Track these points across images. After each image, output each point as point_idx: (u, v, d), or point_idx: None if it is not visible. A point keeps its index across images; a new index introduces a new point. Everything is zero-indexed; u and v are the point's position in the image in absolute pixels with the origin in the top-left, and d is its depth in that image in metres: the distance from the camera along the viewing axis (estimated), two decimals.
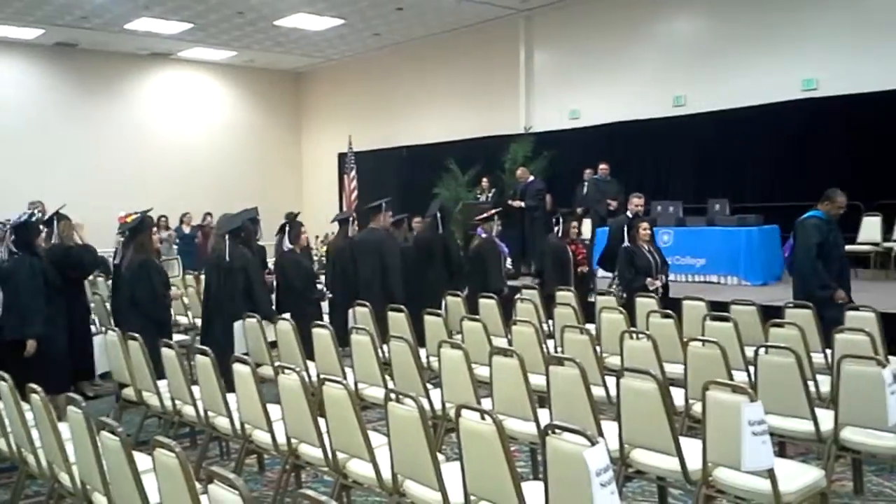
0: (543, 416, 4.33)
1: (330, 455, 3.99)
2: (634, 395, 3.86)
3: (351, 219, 8.45)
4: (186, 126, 19.37)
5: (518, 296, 7.79)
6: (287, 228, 7.42)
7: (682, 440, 3.83)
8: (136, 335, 5.43)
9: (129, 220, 6.76)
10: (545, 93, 15.55)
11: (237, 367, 4.49)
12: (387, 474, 3.66)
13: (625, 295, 7.54)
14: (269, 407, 4.40)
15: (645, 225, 7.89)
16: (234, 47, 17.87)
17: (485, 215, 8.77)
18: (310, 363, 5.87)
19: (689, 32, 13.46)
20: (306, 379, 4.20)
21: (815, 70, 11.65)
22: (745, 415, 3.32)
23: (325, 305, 7.72)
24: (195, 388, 5.07)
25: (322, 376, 4.08)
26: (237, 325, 6.46)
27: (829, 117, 11.31)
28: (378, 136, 18.13)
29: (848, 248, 10.05)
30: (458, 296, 7.60)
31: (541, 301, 7.65)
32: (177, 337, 8.14)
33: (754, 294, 8.45)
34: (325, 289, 7.86)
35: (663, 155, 13.11)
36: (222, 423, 4.86)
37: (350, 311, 6.89)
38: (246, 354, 5.26)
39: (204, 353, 4.79)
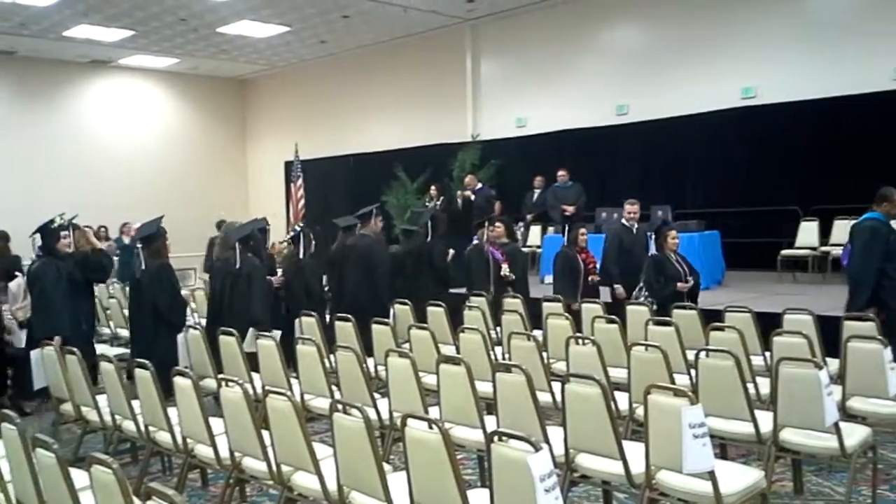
0: (491, 422, 4.34)
1: (274, 468, 3.93)
2: (579, 400, 3.89)
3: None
4: (128, 134, 18.97)
5: (467, 303, 7.81)
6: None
7: (627, 444, 3.87)
8: (75, 350, 5.30)
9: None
10: (492, 101, 15.66)
11: (178, 380, 4.41)
12: (332, 486, 3.63)
13: (655, 305, 7.26)
14: (213, 420, 4.33)
15: (674, 234, 7.64)
16: (176, 54, 17.59)
17: (475, 222, 8.88)
18: (255, 375, 5.79)
19: (632, 42, 13.70)
20: (250, 391, 4.14)
21: (754, 78, 11.97)
22: (686, 418, 3.37)
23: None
24: (136, 403, 4.96)
25: (267, 388, 4.03)
26: (180, 337, 6.35)
27: (767, 125, 11.62)
28: (325, 144, 18.02)
29: (786, 252, 10.39)
30: (406, 304, 7.58)
31: (489, 309, 7.63)
32: (114, 350, 7.98)
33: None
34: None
35: (607, 162, 13.31)
36: (163, 437, 4.76)
37: (297, 320, 6.82)
38: (188, 367, 5.17)
39: (143, 366, 4.69)
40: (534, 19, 14.63)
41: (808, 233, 10.66)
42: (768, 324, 5.89)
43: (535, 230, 13.12)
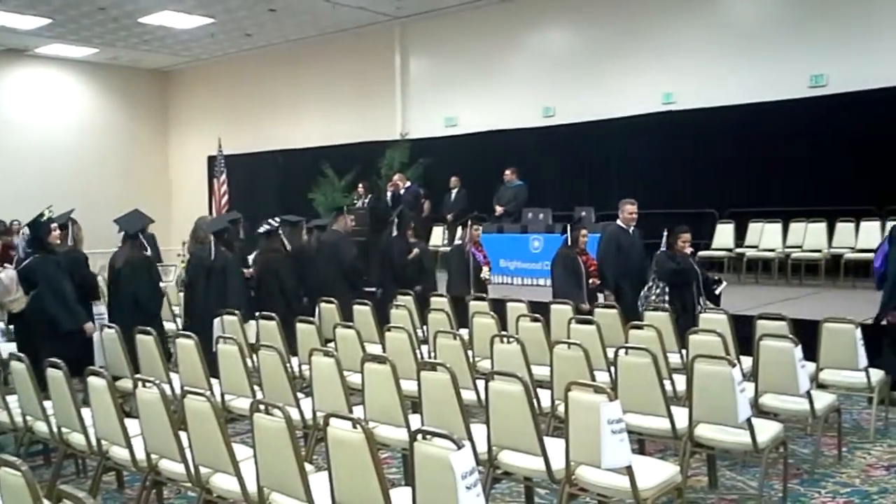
0: (416, 421, 4.34)
1: (192, 470, 3.85)
2: (502, 397, 3.93)
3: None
4: (44, 126, 18.27)
5: (394, 302, 7.79)
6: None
7: (548, 440, 3.93)
8: None
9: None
10: (421, 100, 15.68)
11: (92, 380, 4.27)
12: (252, 487, 3.57)
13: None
14: (129, 422, 4.21)
15: (687, 236, 7.26)
16: (95, 44, 17.02)
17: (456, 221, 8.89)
18: (174, 375, 5.66)
19: (559, 46, 13.91)
20: (167, 391, 4.04)
21: (674, 85, 12.33)
22: (604, 414, 3.44)
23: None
24: (48, 403, 4.78)
25: (185, 388, 3.94)
26: (96, 336, 6.17)
27: (686, 129, 11.99)
28: (251, 139, 17.73)
29: (703, 253, 10.71)
30: (332, 303, 7.52)
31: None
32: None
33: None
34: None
35: (534, 163, 13.46)
36: (77, 439, 4.61)
37: (217, 319, 6.69)
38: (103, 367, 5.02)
39: (56, 365, 4.53)
40: (463, 20, 14.70)
41: (724, 234, 11.02)
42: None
43: (459, 230, 13.17)
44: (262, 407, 3.49)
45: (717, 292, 7.18)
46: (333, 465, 3.21)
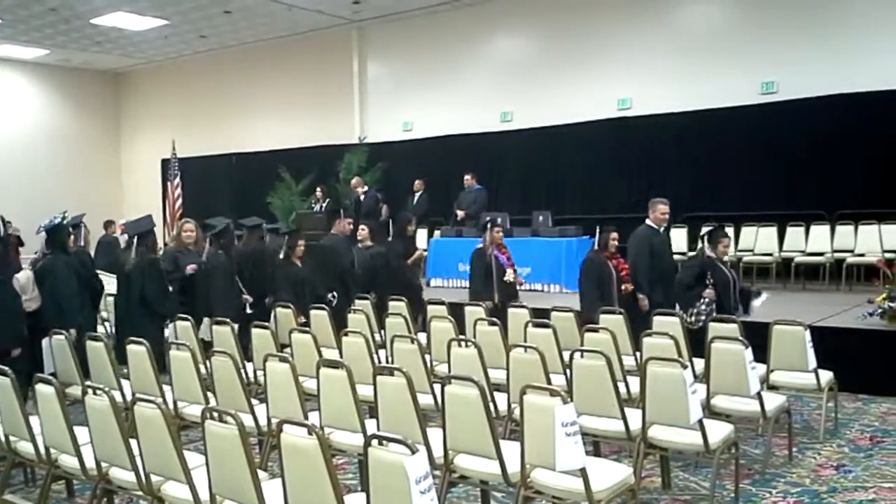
0: (372, 426, 4.31)
1: (143, 478, 3.78)
2: (458, 401, 3.93)
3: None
4: None
5: (352, 307, 7.74)
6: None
7: (505, 443, 3.94)
8: None
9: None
10: (379, 104, 15.65)
11: (40, 387, 4.18)
12: (205, 495, 3.51)
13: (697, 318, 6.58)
14: (78, 429, 4.12)
15: (727, 241, 7.00)
16: (46, 45, 16.68)
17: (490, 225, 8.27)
18: (125, 381, 5.56)
19: (516, 52, 14.00)
20: (118, 399, 3.96)
21: (629, 91, 12.51)
22: (559, 417, 3.46)
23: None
24: None
25: (137, 395, 3.87)
26: (45, 342, 6.02)
27: (641, 135, 12.18)
28: (206, 142, 17.52)
29: None
30: (288, 307, 7.45)
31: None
32: None
33: (574, 301, 8.80)
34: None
35: (492, 168, 13.54)
36: (25, 447, 4.50)
37: (171, 324, 6.58)
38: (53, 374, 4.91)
39: (2, 372, 4.41)
40: (421, 25, 14.72)
41: (678, 239, 11.16)
42: (640, 325, 6.12)
43: (422, 233, 13.18)
44: (214, 414, 3.44)
45: (754, 305, 6.86)
46: (287, 471, 3.18)
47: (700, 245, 7.00)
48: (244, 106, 17.49)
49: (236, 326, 6.43)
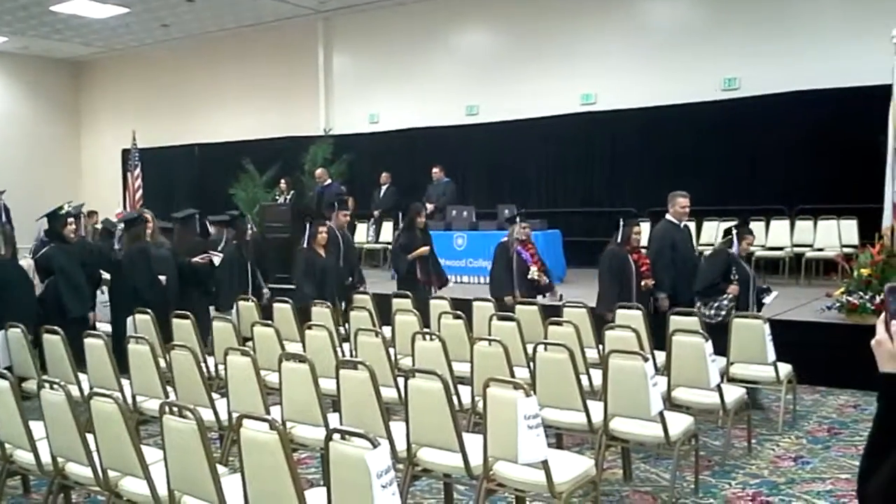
0: (335, 420, 4.29)
1: (101, 473, 3.71)
2: (421, 394, 3.92)
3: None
4: None
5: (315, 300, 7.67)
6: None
7: (468, 436, 3.95)
8: None
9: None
10: (345, 95, 15.55)
11: None
12: (163, 491, 3.46)
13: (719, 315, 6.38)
14: (33, 424, 4.04)
15: (751, 238, 6.98)
16: (4, 33, 16.28)
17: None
18: (83, 376, 5.46)
19: (482, 46, 14.00)
20: (74, 393, 3.89)
21: (593, 86, 12.58)
22: (521, 409, 3.47)
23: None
24: None
25: (95, 389, 3.81)
26: (0, 335, 5.90)
27: (603, 130, 12.28)
28: (168, 133, 17.26)
29: None
30: (248, 300, 7.38)
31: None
32: None
33: None
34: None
35: (458, 161, 13.54)
36: None
37: (129, 318, 6.48)
38: (8, 368, 4.80)
39: None
40: (387, 16, 14.65)
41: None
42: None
43: (388, 226, 13.14)
44: (173, 408, 3.39)
45: (766, 302, 6.79)
46: (247, 466, 3.15)
47: (723, 240, 6.88)
48: (207, 96, 17.25)
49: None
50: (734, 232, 6.69)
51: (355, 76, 15.46)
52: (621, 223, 7.13)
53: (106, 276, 7.67)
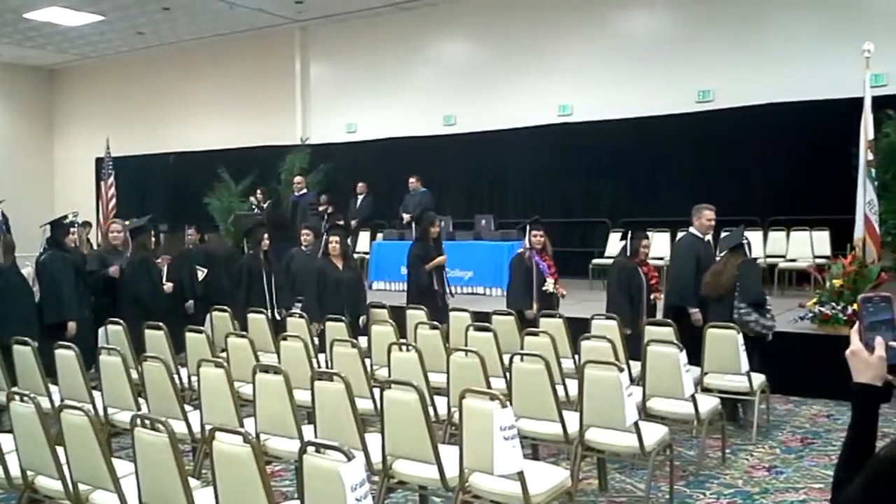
0: (309, 432, 4.26)
1: (71, 487, 3.65)
2: (397, 406, 3.90)
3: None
4: None
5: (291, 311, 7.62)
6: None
7: (444, 448, 3.93)
8: None
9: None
10: (322, 105, 15.51)
11: None
12: None
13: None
14: (3, 437, 3.97)
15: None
16: None
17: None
18: (54, 388, 5.37)
19: (459, 56, 14.05)
20: (44, 405, 3.83)
21: (570, 97, 12.66)
22: (497, 420, 3.46)
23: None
24: None
25: (65, 401, 3.75)
26: None
27: (580, 141, 12.35)
28: (142, 141, 17.11)
29: (596, 261, 11.01)
30: (225, 311, 7.31)
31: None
32: None
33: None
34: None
35: (435, 171, 13.53)
36: None
37: (101, 329, 6.40)
38: None
39: None
40: (364, 27, 14.65)
41: (616, 243, 11.30)
42: (579, 329, 6.18)
43: (364, 236, 13.10)
44: (145, 421, 3.35)
45: None
46: (219, 480, 3.11)
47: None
48: (183, 105, 17.14)
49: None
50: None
51: (332, 86, 15.44)
52: (629, 236, 6.93)
53: None
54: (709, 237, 7.13)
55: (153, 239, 7.96)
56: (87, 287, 7.13)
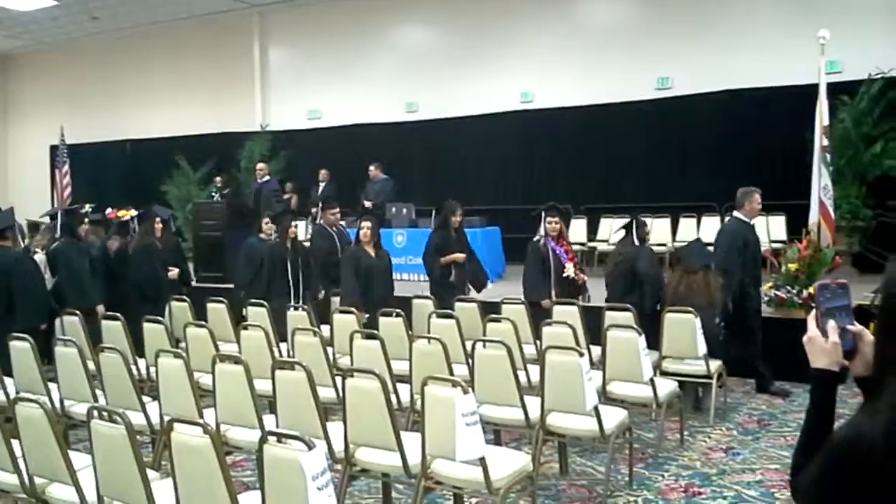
0: (271, 422, 4.23)
1: (27, 480, 3.59)
2: (359, 394, 3.90)
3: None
4: None
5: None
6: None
7: (407, 435, 3.94)
8: None
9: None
10: (282, 91, 15.35)
11: None
12: (92, 497, 3.37)
13: None
14: None
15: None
16: None
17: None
18: (9, 380, 5.27)
19: (421, 42, 13.99)
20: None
21: (531, 84, 12.69)
22: (459, 407, 3.48)
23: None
24: None
25: (21, 394, 3.68)
26: None
27: (541, 128, 12.41)
28: (98, 128, 16.78)
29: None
30: (184, 301, 7.22)
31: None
32: None
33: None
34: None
35: (398, 158, 13.48)
36: None
37: (58, 320, 6.28)
38: None
39: None
40: (324, 11, 14.52)
41: (578, 230, 11.42)
42: (541, 314, 6.22)
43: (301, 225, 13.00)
44: (102, 413, 3.30)
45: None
46: (178, 471, 3.08)
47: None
48: (139, 91, 16.83)
49: None
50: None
51: (294, 71, 15.28)
52: (634, 223, 6.77)
53: None
54: (754, 221, 7.00)
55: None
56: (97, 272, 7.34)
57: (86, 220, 7.57)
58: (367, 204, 12.16)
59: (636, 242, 6.75)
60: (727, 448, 5.49)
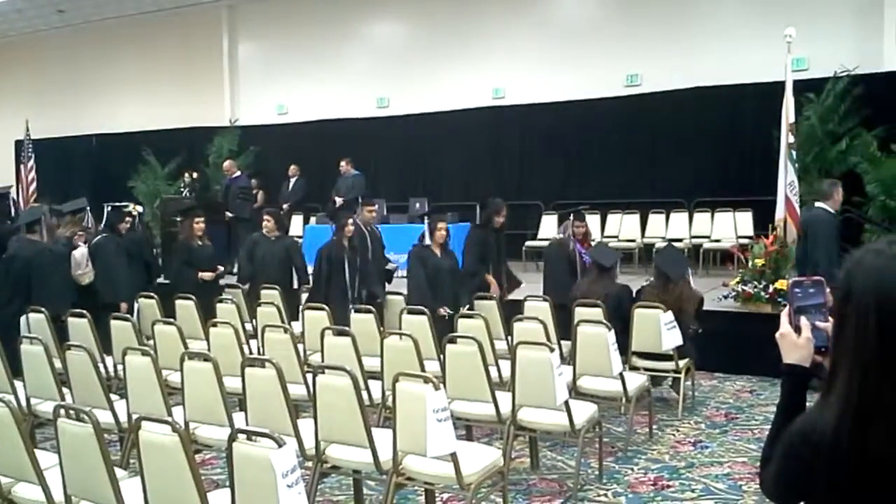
0: (240, 420, 4.20)
1: None
2: (330, 391, 3.89)
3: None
4: None
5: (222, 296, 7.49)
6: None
7: (378, 431, 3.94)
8: None
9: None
10: (252, 86, 15.23)
11: None
12: (59, 496, 3.32)
13: None
14: None
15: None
16: None
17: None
18: None
19: (392, 37, 13.95)
20: None
21: (503, 80, 12.72)
22: (430, 403, 3.49)
23: None
24: None
25: None
26: None
27: (513, 124, 12.44)
28: (64, 123, 16.51)
29: (530, 243, 11.13)
30: (152, 297, 7.14)
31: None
32: None
33: None
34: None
35: (369, 154, 13.44)
36: None
37: (23, 317, 6.18)
38: None
39: None
40: (294, 4, 14.43)
41: (549, 226, 11.47)
42: (512, 310, 6.24)
43: (297, 220, 12.95)
44: (68, 411, 3.26)
45: None
46: (147, 469, 3.05)
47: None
48: (106, 85, 16.58)
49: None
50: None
51: (262, 66, 15.17)
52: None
53: None
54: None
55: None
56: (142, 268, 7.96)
57: (125, 218, 7.97)
58: (339, 200, 12.13)
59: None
60: (695, 441, 5.56)
